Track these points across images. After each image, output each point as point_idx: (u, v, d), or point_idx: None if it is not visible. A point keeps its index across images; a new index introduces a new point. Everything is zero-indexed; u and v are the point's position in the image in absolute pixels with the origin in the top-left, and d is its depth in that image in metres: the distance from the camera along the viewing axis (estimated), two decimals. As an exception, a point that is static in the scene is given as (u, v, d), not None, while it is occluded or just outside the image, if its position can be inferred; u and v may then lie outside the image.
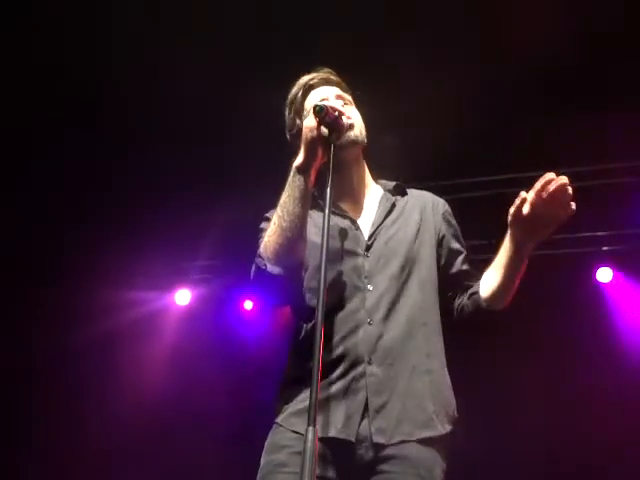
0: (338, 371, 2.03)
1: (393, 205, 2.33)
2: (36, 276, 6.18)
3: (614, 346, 5.56)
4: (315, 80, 2.36)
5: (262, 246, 2.09)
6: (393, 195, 2.38)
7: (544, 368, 5.51)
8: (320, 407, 1.91)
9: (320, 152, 2.03)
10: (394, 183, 2.43)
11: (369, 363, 2.03)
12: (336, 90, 2.36)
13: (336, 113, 2.03)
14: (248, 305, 6.69)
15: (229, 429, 6.29)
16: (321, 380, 1.97)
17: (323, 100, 2.22)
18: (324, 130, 2.01)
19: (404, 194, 2.41)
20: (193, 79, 4.62)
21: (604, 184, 5.16)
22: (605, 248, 5.62)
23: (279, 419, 2.09)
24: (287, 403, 2.08)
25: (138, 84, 4.69)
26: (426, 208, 2.37)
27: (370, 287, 2.12)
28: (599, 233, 5.55)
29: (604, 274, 5.75)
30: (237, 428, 6.07)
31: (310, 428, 1.60)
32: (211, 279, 6.73)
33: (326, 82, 2.37)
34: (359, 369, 2.03)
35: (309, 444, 1.58)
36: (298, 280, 2.13)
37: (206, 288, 6.77)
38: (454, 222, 2.41)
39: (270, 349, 6.03)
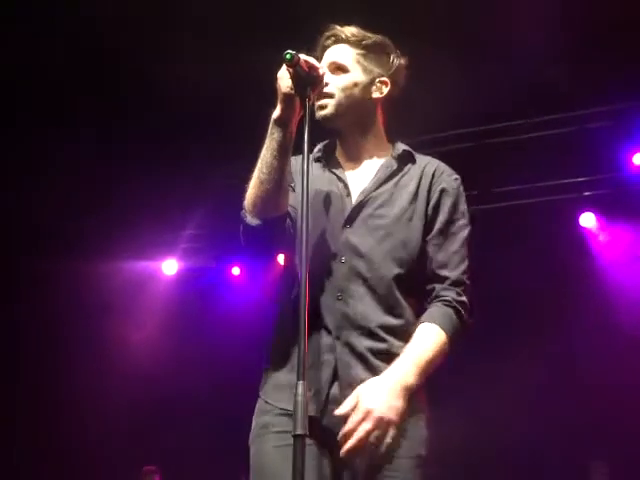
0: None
1: (392, 174, 2.14)
2: (22, 247, 6.16)
3: (601, 290, 5.63)
4: (328, 41, 2.21)
5: (245, 198, 2.08)
6: (397, 161, 2.17)
7: (533, 317, 5.58)
8: (287, 380, 1.96)
9: (297, 105, 1.96)
10: (403, 148, 2.21)
11: (337, 338, 2.01)
12: (342, 50, 2.19)
13: (308, 68, 1.91)
14: (236, 271, 6.71)
15: (217, 398, 6.33)
16: (288, 351, 2.00)
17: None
18: (289, 82, 1.92)
19: (412, 161, 2.19)
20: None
21: (581, 129, 5.18)
22: (586, 193, 5.66)
23: (261, 392, 2.11)
24: (268, 376, 2.10)
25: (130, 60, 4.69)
26: (425, 180, 2.14)
27: (344, 259, 2.06)
28: (580, 179, 5.59)
29: (587, 219, 5.83)
30: (225, 397, 6.10)
31: (300, 382, 1.63)
32: (199, 249, 6.73)
33: (336, 40, 2.20)
34: (327, 342, 2.01)
35: (299, 397, 1.61)
36: (282, 235, 2.09)
37: (194, 258, 6.78)
38: (450, 202, 2.12)
39: (259, 318, 6.01)
